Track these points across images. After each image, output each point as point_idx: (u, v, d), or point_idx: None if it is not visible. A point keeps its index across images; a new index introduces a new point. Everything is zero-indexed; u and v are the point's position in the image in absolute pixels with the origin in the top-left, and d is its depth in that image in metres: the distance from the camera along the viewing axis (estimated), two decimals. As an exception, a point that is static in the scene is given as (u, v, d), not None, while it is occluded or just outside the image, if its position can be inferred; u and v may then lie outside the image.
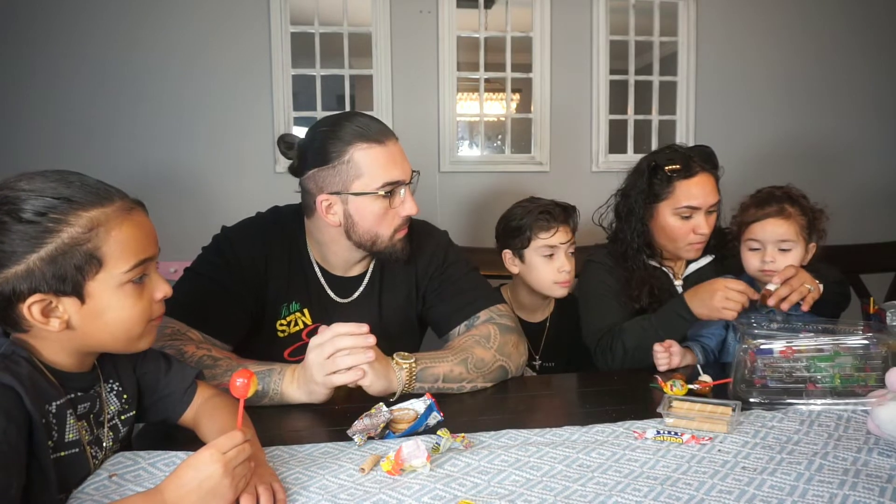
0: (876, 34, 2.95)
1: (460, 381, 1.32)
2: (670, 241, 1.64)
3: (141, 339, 0.96)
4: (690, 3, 2.82)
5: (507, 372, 1.40)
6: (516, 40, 2.79)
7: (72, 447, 0.91)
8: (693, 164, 1.60)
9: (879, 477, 0.89)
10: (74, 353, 0.94)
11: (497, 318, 1.44)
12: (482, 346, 1.36)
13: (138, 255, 0.91)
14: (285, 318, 1.44)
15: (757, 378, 1.23)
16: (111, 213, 0.89)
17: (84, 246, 0.86)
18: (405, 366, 1.25)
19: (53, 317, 0.88)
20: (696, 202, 1.58)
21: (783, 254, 1.50)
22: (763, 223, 1.50)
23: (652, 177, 1.62)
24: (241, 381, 0.87)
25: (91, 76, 2.47)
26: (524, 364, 1.47)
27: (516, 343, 1.42)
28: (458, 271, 1.51)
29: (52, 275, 0.85)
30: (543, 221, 1.67)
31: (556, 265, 1.66)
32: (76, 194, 0.87)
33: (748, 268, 1.54)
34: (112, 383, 1.02)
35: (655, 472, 0.94)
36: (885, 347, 1.21)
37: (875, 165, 3.00)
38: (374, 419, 1.06)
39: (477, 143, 3.29)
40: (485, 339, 1.38)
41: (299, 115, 2.69)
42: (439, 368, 1.29)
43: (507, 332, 1.42)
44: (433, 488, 0.89)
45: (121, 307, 0.91)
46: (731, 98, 2.88)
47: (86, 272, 0.87)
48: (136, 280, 0.92)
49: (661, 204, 1.62)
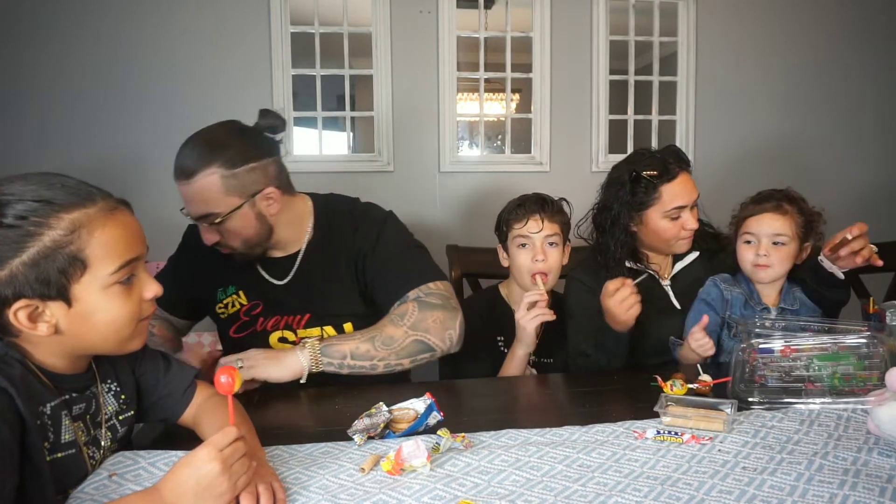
0: (874, 35, 2.95)
1: (370, 359, 1.36)
2: (663, 242, 1.67)
3: (132, 339, 0.95)
4: (690, 3, 2.82)
5: (428, 346, 1.40)
6: (516, 40, 2.79)
7: (68, 448, 0.90)
8: (671, 167, 1.62)
9: (879, 477, 0.89)
10: (66, 355, 0.93)
11: (423, 296, 1.44)
12: (393, 324, 1.39)
13: (123, 255, 0.90)
14: (222, 301, 1.54)
15: (757, 376, 1.23)
16: (93, 213, 0.88)
17: (67, 248, 0.85)
18: (307, 344, 1.34)
19: (41, 322, 0.87)
20: (682, 202, 1.62)
21: (777, 248, 1.51)
22: (759, 217, 1.53)
23: (635, 186, 1.64)
24: (224, 378, 0.86)
25: (92, 77, 2.47)
26: (459, 339, 1.45)
27: (440, 319, 1.41)
28: (391, 250, 1.50)
29: (36, 279, 0.84)
30: (515, 211, 1.68)
31: (529, 256, 1.66)
32: (57, 196, 0.86)
33: (742, 262, 1.56)
34: (110, 383, 1.02)
35: (655, 472, 0.94)
36: (885, 347, 1.21)
37: (874, 166, 3.00)
38: (374, 419, 1.06)
39: (477, 143, 3.29)
40: (399, 317, 1.40)
41: (299, 115, 2.69)
42: (345, 346, 1.36)
43: (428, 309, 1.41)
44: (433, 488, 0.89)
45: (109, 309, 0.90)
46: (730, 98, 2.88)
47: (70, 275, 0.86)
48: (123, 281, 0.90)
49: (649, 210, 1.63)
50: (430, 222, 2.73)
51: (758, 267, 1.52)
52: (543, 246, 1.65)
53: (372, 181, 2.69)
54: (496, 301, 1.77)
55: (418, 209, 2.73)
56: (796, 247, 1.52)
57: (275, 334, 1.52)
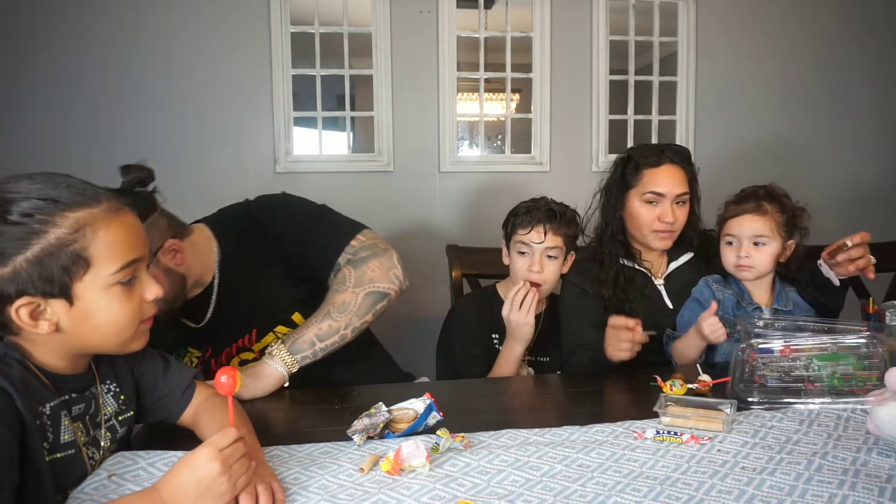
0: (874, 34, 2.95)
1: (336, 332, 1.35)
2: (637, 229, 1.70)
3: (133, 340, 0.96)
4: (690, 3, 2.82)
5: (381, 293, 1.40)
6: (516, 40, 2.78)
7: (68, 448, 0.91)
8: (663, 156, 1.67)
9: (879, 477, 0.89)
10: (66, 355, 0.93)
11: (352, 256, 1.42)
12: (339, 292, 1.38)
13: (126, 256, 0.90)
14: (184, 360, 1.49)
15: (757, 376, 1.23)
16: (98, 213, 0.88)
17: (71, 247, 0.85)
18: (274, 351, 1.32)
19: (42, 319, 0.87)
20: (660, 189, 1.64)
21: (758, 248, 1.52)
22: (739, 219, 1.54)
23: (624, 167, 1.71)
24: (224, 377, 0.86)
25: (91, 77, 2.47)
26: (405, 274, 1.44)
27: (377, 266, 1.41)
28: (301, 225, 1.47)
29: (39, 276, 0.84)
30: (522, 217, 1.69)
31: (526, 264, 1.67)
32: (62, 195, 0.86)
33: (725, 262, 1.58)
34: (109, 384, 1.02)
35: (655, 472, 0.94)
36: (884, 347, 1.21)
37: (874, 165, 3.00)
38: (373, 419, 1.06)
39: (477, 143, 3.29)
40: (340, 284, 1.39)
41: (299, 115, 2.69)
42: (308, 334, 1.34)
43: (362, 263, 1.40)
44: (433, 488, 0.89)
45: (110, 309, 0.90)
46: (730, 98, 2.88)
47: (73, 273, 0.86)
48: (125, 282, 0.91)
49: (630, 191, 1.69)
50: (430, 222, 2.73)
51: (739, 268, 1.54)
52: (542, 258, 1.66)
53: (372, 181, 2.70)
54: (493, 299, 1.77)
55: (418, 209, 2.73)
56: (779, 245, 1.53)
57: (235, 360, 1.47)
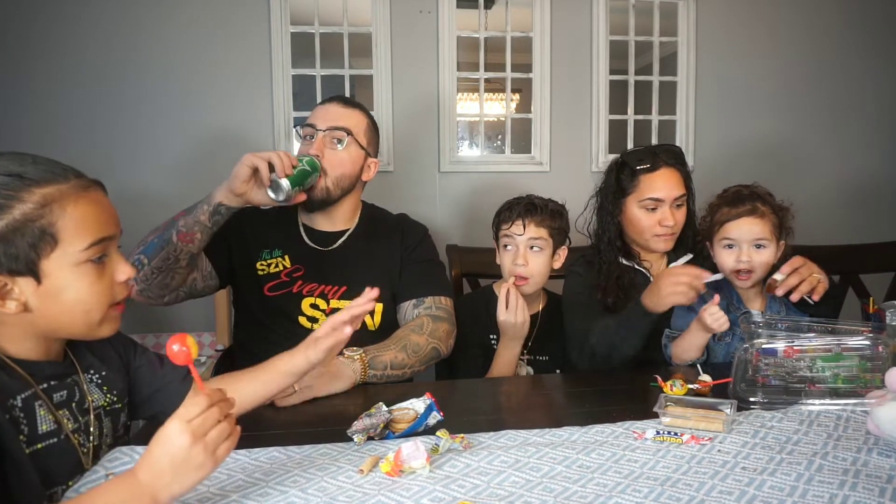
0: (875, 34, 2.94)
1: (402, 367, 1.47)
2: (638, 234, 1.69)
3: (102, 324, 0.93)
4: (690, 3, 2.82)
5: (439, 353, 1.58)
6: (516, 40, 2.78)
7: (49, 437, 0.89)
8: (658, 160, 1.65)
9: (879, 477, 0.89)
10: (36, 338, 0.92)
11: (434, 308, 1.63)
12: (416, 333, 1.54)
13: (96, 233, 0.89)
14: (265, 260, 1.65)
15: (760, 377, 1.23)
16: (66, 189, 0.87)
17: (37, 222, 0.84)
18: (356, 357, 1.39)
19: (9, 299, 0.86)
20: (659, 194, 1.64)
21: (758, 251, 1.51)
22: (738, 222, 1.51)
23: (619, 173, 1.69)
24: (176, 346, 0.80)
25: (91, 77, 2.46)
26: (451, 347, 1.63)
27: (448, 330, 1.62)
28: (425, 256, 1.74)
29: (5, 253, 0.83)
30: (504, 212, 1.71)
31: (511, 258, 1.67)
32: (28, 171, 0.86)
33: (723, 267, 1.54)
34: (92, 374, 1.01)
35: (655, 472, 0.94)
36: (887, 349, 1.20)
37: (874, 165, 2.99)
38: (373, 419, 1.06)
39: (477, 143, 3.29)
40: (418, 328, 1.56)
41: (299, 115, 2.69)
42: (386, 356, 1.45)
43: (439, 321, 1.60)
44: (432, 490, 0.89)
45: (79, 287, 0.88)
46: (730, 98, 2.87)
47: (40, 250, 0.85)
48: (94, 260, 0.89)
49: (627, 198, 1.68)
50: (430, 222, 2.71)
51: (739, 272, 1.51)
52: (526, 250, 1.66)
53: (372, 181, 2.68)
54: (490, 299, 1.78)
55: (418, 209, 2.71)
56: (776, 246, 1.52)
57: (307, 300, 1.61)
